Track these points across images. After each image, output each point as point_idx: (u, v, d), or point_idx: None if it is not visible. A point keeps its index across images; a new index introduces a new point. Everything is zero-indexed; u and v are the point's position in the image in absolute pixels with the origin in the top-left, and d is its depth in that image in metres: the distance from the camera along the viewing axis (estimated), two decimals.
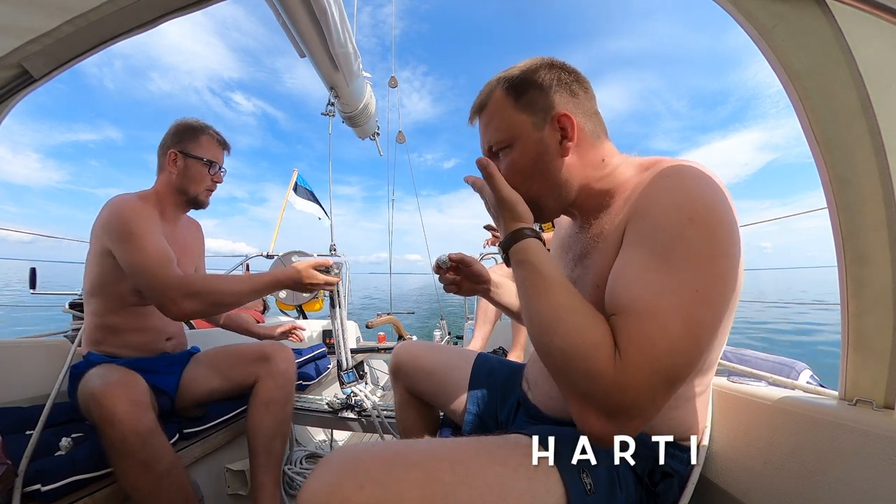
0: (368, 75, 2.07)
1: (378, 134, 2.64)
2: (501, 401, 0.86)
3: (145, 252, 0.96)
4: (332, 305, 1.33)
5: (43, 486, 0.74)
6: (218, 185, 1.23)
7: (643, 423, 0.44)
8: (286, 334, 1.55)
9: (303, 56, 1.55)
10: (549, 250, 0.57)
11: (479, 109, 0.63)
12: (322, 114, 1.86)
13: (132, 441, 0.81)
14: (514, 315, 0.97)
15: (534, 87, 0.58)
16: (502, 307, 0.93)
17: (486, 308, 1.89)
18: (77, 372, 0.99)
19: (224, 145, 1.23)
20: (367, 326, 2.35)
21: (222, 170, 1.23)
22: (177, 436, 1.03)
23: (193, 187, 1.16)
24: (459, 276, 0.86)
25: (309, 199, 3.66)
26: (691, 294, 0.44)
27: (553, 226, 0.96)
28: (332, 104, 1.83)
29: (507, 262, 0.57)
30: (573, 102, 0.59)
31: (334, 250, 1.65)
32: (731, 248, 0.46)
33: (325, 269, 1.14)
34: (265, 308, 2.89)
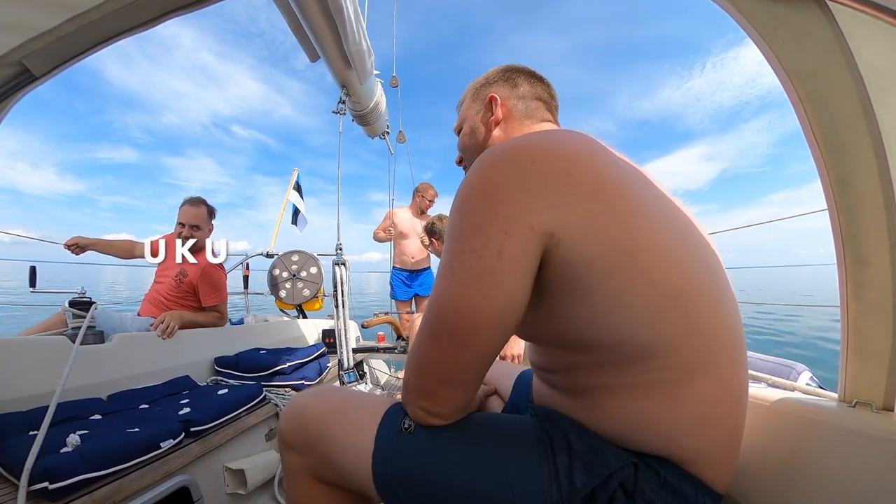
0: (377, 72, 2.08)
1: (388, 133, 2.64)
2: None
3: None
4: (336, 305, 1.34)
5: (50, 484, 0.73)
6: None
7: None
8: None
9: (314, 60, 1.55)
10: None
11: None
12: (333, 111, 1.87)
13: None
14: None
15: (484, 85, 0.74)
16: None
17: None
18: None
19: None
20: (364, 326, 2.36)
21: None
22: (182, 434, 1.03)
23: None
24: None
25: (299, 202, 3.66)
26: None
27: None
28: (343, 102, 1.84)
29: None
30: (508, 89, 0.71)
31: (340, 249, 1.66)
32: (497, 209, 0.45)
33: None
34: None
